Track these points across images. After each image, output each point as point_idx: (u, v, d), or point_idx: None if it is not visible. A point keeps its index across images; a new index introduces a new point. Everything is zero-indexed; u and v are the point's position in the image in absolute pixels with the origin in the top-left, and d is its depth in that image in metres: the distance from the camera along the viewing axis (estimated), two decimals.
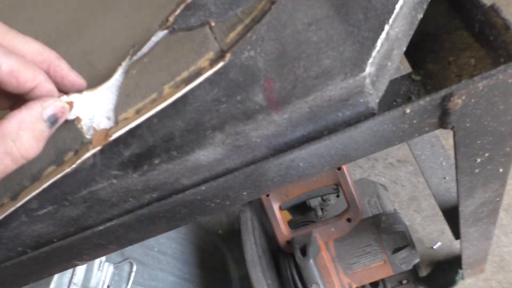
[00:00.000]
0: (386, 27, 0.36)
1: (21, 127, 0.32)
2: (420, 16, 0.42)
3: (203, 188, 0.41)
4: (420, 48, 0.45)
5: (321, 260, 1.07)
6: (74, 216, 0.43)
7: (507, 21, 0.37)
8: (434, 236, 1.46)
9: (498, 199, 0.66)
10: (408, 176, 1.58)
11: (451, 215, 0.94)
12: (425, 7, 0.42)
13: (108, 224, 0.43)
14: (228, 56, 0.36)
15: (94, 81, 0.41)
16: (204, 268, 1.40)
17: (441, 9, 0.47)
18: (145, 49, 0.39)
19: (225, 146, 0.39)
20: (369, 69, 0.36)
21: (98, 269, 0.93)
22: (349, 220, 1.09)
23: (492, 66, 0.40)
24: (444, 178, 0.96)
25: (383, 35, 0.36)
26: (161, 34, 0.40)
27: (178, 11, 0.40)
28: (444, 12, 0.47)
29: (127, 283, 1.00)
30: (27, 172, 0.39)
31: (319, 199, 1.44)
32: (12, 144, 0.31)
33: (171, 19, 0.40)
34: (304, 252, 1.04)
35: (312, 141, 0.39)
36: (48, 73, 0.35)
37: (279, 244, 1.13)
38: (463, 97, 0.37)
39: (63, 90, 0.36)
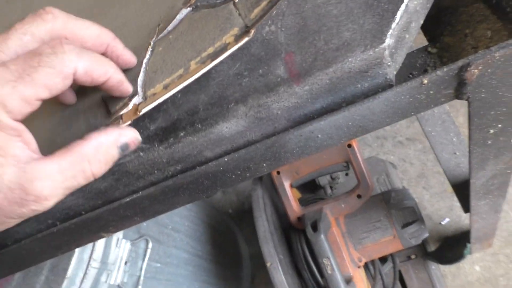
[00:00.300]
0: (406, 0, 0.37)
1: (98, 151, 0.35)
2: None
3: (226, 159, 0.42)
4: (437, 22, 0.46)
5: (332, 236, 1.09)
6: (102, 189, 0.45)
7: None
8: (443, 212, 1.48)
9: (509, 171, 0.67)
10: (417, 154, 1.59)
11: (461, 189, 0.96)
12: None
13: (135, 196, 0.45)
14: (252, 31, 0.37)
15: None
16: (216, 246, 1.43)
17: None
18: (170, 26, 0.40)
19: (248, 118, 0.40)
20: (388, 40, 0.37)
21: (116, 246, 0.96)
22: (359, 196, 1.11)
23: (508, 38, 0.41)
24: (455, 153, 0.97)
25: (402, 7, 0.37)
26: (185, 11, 0.41)
27: None
28: None
29: (143, 260, 1.03)
30: (60, 146, 0.41)
31: (328, 177, 1.45)
32: (87, 165, 0.35)
33: None
34: (315, 228, 1.06)
35: (331, 112, 0.40)
36: (105, 54, 0.37)
37: (290, 220, 1.15)
38: (480, 67, 0.38)
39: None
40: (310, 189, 1.47)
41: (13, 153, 0.33)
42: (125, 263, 0.97)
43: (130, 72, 0.40)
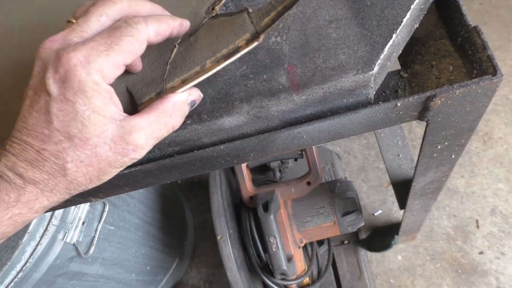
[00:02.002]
0: (394, 36, 0.44)
1: (175, 107, 0.42)
2: (417, 25, 0.50)
3: (222, 147, 0.48)
4: (409, 50, 0.54)
5: (280, 217, 1.18)
6: None
7: (485, 42, 0.46)
8: (376, 205, 1.63)
9: (444, 179, 0.79)
10: (360, 149, 1.72)
11: (400, 188, 1.08)
12: (421, 18, 0.51)
13: (133, 169, 0.50)
14: (262, 37, 0.43)
15: (144, 54, 0.46)
16: (165, 214, 1.48)
17: (431, 18, 0.55)
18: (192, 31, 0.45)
19: (248, 116, 0.46)
20: (376, 68, 0.44)
21: (76, 206, 0.98)
22: (309, 183, 1.20)
23: (465, 75, 0.50)
24: (398, 155, 1.09)
25: (391, 42, 0.44)
26: (206, 19, 0.46)
27: (222, 2, 0.46)
28: (433, 21, 0.55)
29: (99, 221, 1.07)
30: None
31: (278, 161, 1.54)
32: (168, 118, 0.42)
33: (217, 8, 0.46)
34: (266, 208, 1.15)
35: (318, 119, 0.47)
36: None
37: (242, 199, 1.23)
38: (443, 99, 0.47)
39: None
40: (260, 170, 1.56)
41: (110, 114, 0.39)
42: (82, 223, 1.00)
43: (156, 72, 0.44)
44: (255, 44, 0.43)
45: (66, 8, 0.55)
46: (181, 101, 0.43)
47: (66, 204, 0.55)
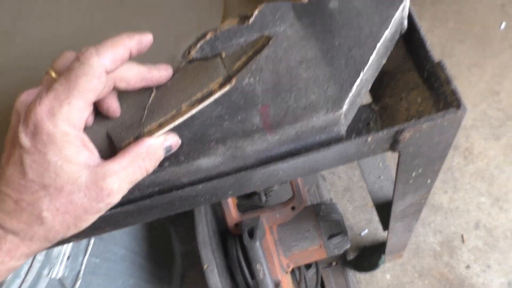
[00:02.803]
0: (361, 74, 0.46)
1: (149, 150, 0.43)
2: (385, 61, 0.52)
3: (200, 187, 0.49)
4: (380, 83, 0.56)
5: (266, 243, 1.19)
6: None
7: (449, 77, 0.49)
8: (362, 224, 1.64)
9: (423, 201, 0.81)
10: (345, 169, 1.74)
11: (382, 209, 1.09)
12: (388, 53, 0.53)
13: (113, 211, 0.50)
14: (234, 80, 0.44)
15: (121, 98, 0.47)
16: (151, 243, 1.47)
17: (399, 51, 0.57)
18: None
19: (225, 156, 0.47)
20: (345, 107, 0.46)
21: None
22: (293, 208, 1.21)
23: (433, 107, 0.52)
24: (379, 177, 1.10)
25: (358, 80, 0.46)
26: (183, 63, 0.47)
27: (198, 46, 0.48)
28: (401, 54, 0.57)
29: (84, 255, 1.06)
30: None
31: None
32: (142, 162, 0.43)
33: (192, 52, 0.47)
34: (251, 234, 1.15)
35: (292, 156, 0.48)
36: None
37: (227, 226, 1.23)
38: (411, 132, 0.48)
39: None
40: (245, 195, 1.56)
41: (83, 161, 0.40)
42: (67, 258, 1.00)
43: (135, 116, 0.45)
44: (227, 87, 0.44)
45: (47, 51, 0.56)
46: (155, 145, 0.43)
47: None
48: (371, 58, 0.47)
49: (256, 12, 0.48)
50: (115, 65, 0.41)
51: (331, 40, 0.49)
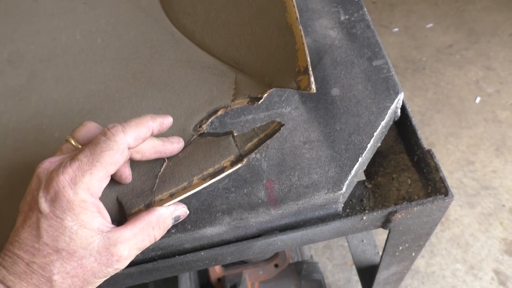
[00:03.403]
0: (360, 159, 0.51)
1: (159, 220, 0.45)
2: (379, 144, 0.57)
3: (202, 253, 0.52)
4: (373, 163, 0.61)
5: None
6: None
7: (438, 165, 0.53)
8: (341, 283, 1.65)
9: (405, 271, 0.84)
10: None
11: (365, 273, 1.12)
12: (383, 138, 0.58)
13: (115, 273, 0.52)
14: (245, 160, 0.48)
15: (133, 164, 0.50)
16: None
17: (391, 134, 0.62)
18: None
19: (229, 226, 0.50)
20: (344, 188, 0.49)
21: None
22: (276, 265, 1.22)
23: (422, 189, 0.56)
24: (362, 241, 1.14)
25: (357, 164, 0.50)
26: (194, 137, 0.51)
27: (209, 121, 0.51)
28: (393, 137, 0.62)
29: None
30: None
31: None
32: (152, 230, 0.45)
33: (204, 127, 0.51)
34: None
35: (292, 229, 0.52)
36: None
37: (210, 280, 1.23)
38: (403, 214, 0.52)
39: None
40: None
41: (97, 227, 0.42)
42: None
43: (146, 184, 0.48)
44: (238, 166, 0.48)
45: (61, 113, 0.59)
46: (165, 214, 0.46)
47: None
48: (369, 144, 0.52)
49: (265, 95, 0.52)
50: (137, 142, 0.45)
51: (332, 125, 0.53)
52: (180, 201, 0.47)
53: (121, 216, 0.48)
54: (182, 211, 0.48)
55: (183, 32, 0.62)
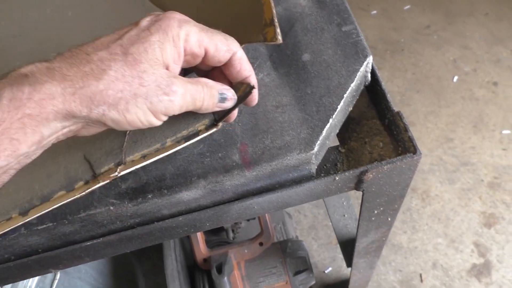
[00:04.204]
0: (331, 120, 0.52)
1: (207, 85, 0.43)
2: (351, 108, 0.59)
3: (180, 219, 0.53)
4: (346, 128, 0.62)
5: (233, 278, 1.20)
6: (67, 232, 0.52)
7: (407, 125, 0.55)
8: (327, 262, 1.68)
9: (384, 238, 0.86)
10: (310, 208, 1.79)
11: (346, 247, 1.14)
12: (354, 102, 0.59)
13: (95, 241, 0.52)
14: (220, 124, 0.49)
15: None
16: (116, 278, 1.45)
17: (363, 100, 0.64)
18: None
19: (205, 190, 0.51)
20: (316, 148, 0.51)
21: None
22: (261, 244, 1.24)
23: (393, 151, 0.58)
24: (344, 215, 1.16)
25: (328, 125, 0.52)
26: None
27: None
28: (365, 103, 0.64)
29: None
30: (38, 193, 0.48)
31: None
32: (202, 89, 0.42)
33: None
34: (219, 270, 1.17)
35: (267, 191, 0.53)
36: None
37: (196, 261, 1.24)
38: (374, 173, 0.54)
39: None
40: (213, 231, 1.58)
41: (169, 62, 0.40)
42: None
43: (115, 142, 0.48)
44: (213, 130, 0.48)
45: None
46: (212, 84, 0.43)
47: (25, 275, 0.57)
48: (339, 106, 0.53)
49: None
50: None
51: (304, 89, 0.54)
52: (154, 163, 0.48)
53: (90, 175, 0.48)
54: (231, 94, 0.45)
55: (154, 2, 0.62)
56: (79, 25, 0.62)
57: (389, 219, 0.73)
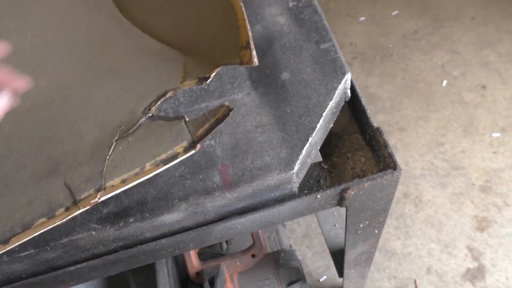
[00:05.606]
0: (310, 139, 0.52)
1: None
2: (331, 125, 0.59)
3: (163, 241, 0.53)
4: (328, 143, 0.62)
5: None
6: (49, 258, 0.52)
7: (386, 141, 0.55)
8: (321, 270, 1.68)
9: (372, 250, 0.86)
10: (304, 216, 1.79)
11: (338, 257, 1.14)
12: (335, 118, 0.60)
13: (78, 266, 0.52)
14: (198, 146, 0.49)
15: (83, 150, 0.51)
16: None
17: (345, 115, 0.64)
18: (130, 130, 0.50)
19: (187, 212, 0.51)
20: (296, 167, 0.51)
21: None
22: (253, 256, 1.24)
23: (375, 166, 0.58)
24: (335, 225, 1.16)
25: (307, 144, 0.52)
26: (143, 119, 0.51)
27: (159, 103, 0.52)
28: (347, 118, 0.64)
29: None
30: (19, 221, 0.48)
31: None
32: None
33: (153, 109, 0.52)
34: (212, 283, 1.16)
35: (250, 211, 0.53)
36: None
37: (189, 274, 1.24)
38: (355, 190, 0.54)
39: None
40: None
41: None
42: None
43: (95, 167, 0.49)
44: (192, 152, 0.49)
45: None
46: None
47: None
48: (319, 124, 0.53)
49: (213, 74, 0.51)
50: None
51: (283, 108, 0.55)
52: (135, 186, 0.48)
53: (69, 201, 0.48)
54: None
55: (133, 22, 0.62)
56: (58, 48, 0.63)
57: (376, 231, 0.74)
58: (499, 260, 1.63)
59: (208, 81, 0.52)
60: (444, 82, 2.08)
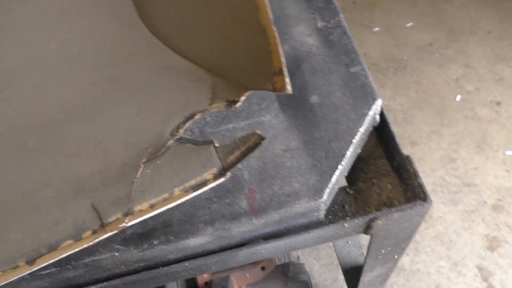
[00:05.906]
0: (340, 166, 0.51)
1: None
2: (359, 151, 0.58)
3: (186, 264, 0.52)
4: (354, 168, 0.61)
5: None
6: (71, 277, 0.51)
7: (416, 171, 0.54)
8: (328, 283, 1.66)
9: (389, 272, 0.85)
10: None
11: (350, 274, 1.13)
12: (363, 144, 0.59)
13: (99, 285, 0.52)
14: (228, 174, 0.48)
15: (109, 170, 0.50)
16: None
17: (371, 139, 0.63)
18: (158, 153, 0.49)
19: (212, 236, 0.50)
20: (325, 196, 0.50)
21: None
22: (263, 268, 1.23)
23: (402, 194, 0.57)
24: (347, 242, 1.15)
25: (337, 172, 0.51)
26: (171, 142, 0.50)
27: (187, 125, 0.51)
28: (373, 142, 0.63)
29: None
30: (46, 241, 0.47)
31: None
32: None
33: (181, 131, 0.51)
34: None
35: (275, 237, 0.52)
36: None
37: (197, 284, 1.23)
38: (383, 220, 0.53)
39: None
40: None
41: None
42: None
43: (122, 190, 0.48)
44: (222, 180, 0.48)
45: (36, 123, 0.57)
46: None
47: None
48: (349, 151, 0.52)
49: (243, 98, 0.51)
50: None
51: (312, 132, 0.54)
52: (163, 211, 0.47)
53: (97, 224, 0.47)
54: None
55: (158, 37, 0.61)
56: (83, 61, 0.62)
57: (396, 256, 0.73)
58: (509, 281, 1.61)
59: (237, 105, 0.51)
60: (458, 97, 2.07)
